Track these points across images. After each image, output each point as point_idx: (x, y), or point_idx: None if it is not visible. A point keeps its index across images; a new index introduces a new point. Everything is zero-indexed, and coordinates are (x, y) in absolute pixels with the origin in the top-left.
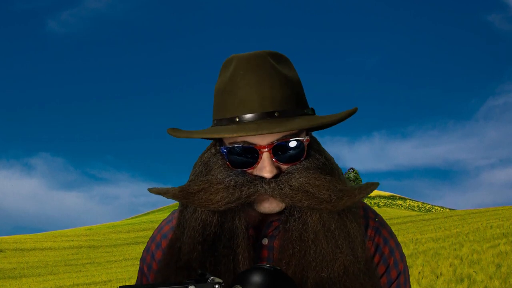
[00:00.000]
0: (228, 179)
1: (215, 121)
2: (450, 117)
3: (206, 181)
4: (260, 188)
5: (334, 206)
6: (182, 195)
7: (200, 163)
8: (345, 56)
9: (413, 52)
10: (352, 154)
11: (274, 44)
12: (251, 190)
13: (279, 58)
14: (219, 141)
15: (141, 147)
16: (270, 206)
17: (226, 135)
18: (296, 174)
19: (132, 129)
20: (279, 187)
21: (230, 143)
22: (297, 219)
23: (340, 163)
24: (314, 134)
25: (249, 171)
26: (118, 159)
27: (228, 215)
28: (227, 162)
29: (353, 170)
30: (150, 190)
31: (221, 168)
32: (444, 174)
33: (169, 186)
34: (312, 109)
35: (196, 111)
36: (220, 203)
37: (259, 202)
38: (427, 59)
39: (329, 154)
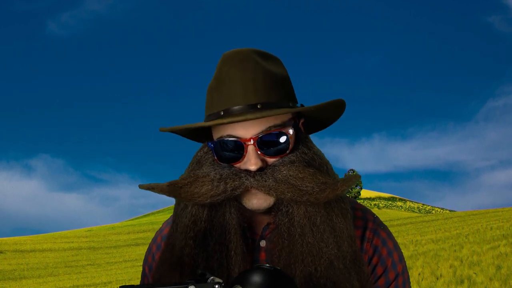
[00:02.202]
0: (214, 172)
1: (205, 119)
2: (450, 119)
3: (192, 175)
4: (245, 181)
5: (316, 198)
6: (169, 189)
7: (193, 161)
8: (344, 57)
9: (413, 53)
10: (352, 155)
11: (273, 46)
12: (236, 183)
13: (265, 55)
14: (210, 138)
15: (141, 148)
16: (258, 202)
17: (200, 125)
18: (280, 167)
19: (132, 130)
20: (263, 179)
21: (217, 138)
22: (284, 213)
23: (340, 165)
24: (314, 135)
25: (236, 165)
26: (118, 161)
27: (218, 211)
28: (215, 157)
29: (353, 172)
30: (140, 186)
31: (210, 164)
32: (444, 176)
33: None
34: (302, 105)
35: (196, 113)
36: (205, 196)
37: (247, 198)
38: (427, 60)
39: (319, 150)
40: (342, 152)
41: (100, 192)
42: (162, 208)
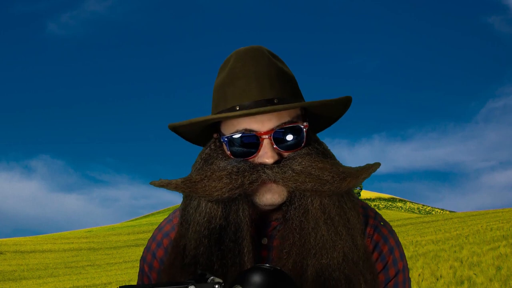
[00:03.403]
0: (231, 166)
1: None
2: (450, 120)
3: (208, 170)
4: (263, 174)
5: (337, 187)
6: (185, 185)
7: (200, 160)
8: (345, 59)
9: (413, 55)
10: (352, 156)
11: (274, 48)
12: (254, 176)
13: (274, 55)
14: (220, 135)
15: (141, 149)
16: (272, 197)
17: (225, 115)
18: (298, 158)
19: (132, 131)
20: (282, 170)
21: (231, 133)
22: (297, 207)
23: None
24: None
25: (251, 159)
26: (118, 162)
27: (232, 207)
28: (228, 152)
29: None
30: (152, 183)
31: (222, 159)
32: (444, 177)
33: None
34: None
35: (196, 114)
36: (223, 190)
37: (261, 193)
38: (427, 62)
39: (327, 147)
40: (342, 153)
41: (100, 193)
42: (162, 209)
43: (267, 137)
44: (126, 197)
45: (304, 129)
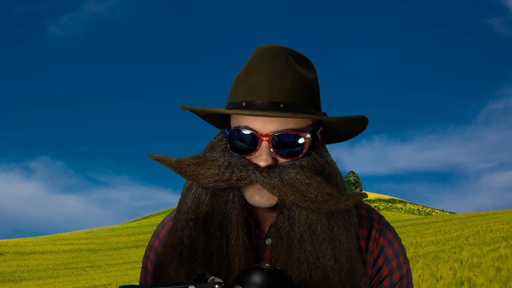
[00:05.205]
0: (223, 158)
1: (226, 106)
2: (450, 121)
3: (202, 157)
4: (252, 174)
5: (318, 207)
6: (177, 165)
7: (207, 147)
8: (345, 60)
9: (414, 56)
10: (352, 157)
11: None
12: (242, 174)
13: (298, 57)
14: (228, 127)
15: (141, 150)
16: (261, 199)
17: (220, 110)
18: (289, 169)
19: (132, 132)
20: (269, 176)
21: (234, 128)
22: (286, 217)
23: (340, 167)
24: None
25: (247, 157)
26: (118, 163)
27: (221, 198)
28: (228, 145)
29: (353, 174)
30: (150, 155)
31: (221, 150)
32: (444, 178)
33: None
34: (324, 114)
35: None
36: (209, 179)
37: (250, 193)
38: (427, 63)
39: (332, 160)
40: (342, 154)
41: (100, 194)
42: (162, 210)
43: (266, 139)
44: (126, 198)
45: (305, 141)
